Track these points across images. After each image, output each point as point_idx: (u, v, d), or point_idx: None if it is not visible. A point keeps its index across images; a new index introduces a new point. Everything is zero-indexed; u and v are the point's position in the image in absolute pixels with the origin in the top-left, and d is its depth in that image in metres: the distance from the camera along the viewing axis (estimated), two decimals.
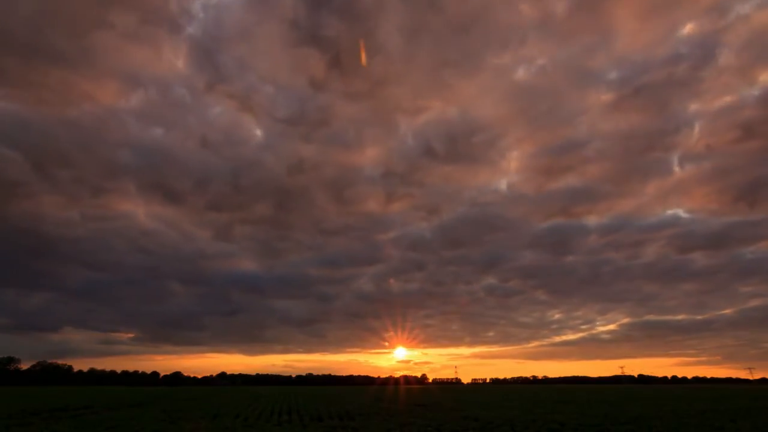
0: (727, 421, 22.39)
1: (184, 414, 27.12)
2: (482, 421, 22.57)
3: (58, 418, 24.20)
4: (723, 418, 23.91)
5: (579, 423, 21.68)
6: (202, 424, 21.59)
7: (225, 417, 25.11)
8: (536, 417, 24.60)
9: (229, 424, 21.60)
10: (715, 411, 28.47)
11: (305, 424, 21.71)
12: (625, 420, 22.83)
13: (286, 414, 27.29)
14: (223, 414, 27.08)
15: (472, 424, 21.37)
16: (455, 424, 21.44)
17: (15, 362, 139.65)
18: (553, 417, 24.62)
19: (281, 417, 25.28)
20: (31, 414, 26.27)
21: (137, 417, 24.92)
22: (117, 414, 27.03)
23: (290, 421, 23.21)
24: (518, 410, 29.71)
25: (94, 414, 26.94)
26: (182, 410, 30.20)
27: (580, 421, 22.62)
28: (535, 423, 21.60)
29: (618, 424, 21.26)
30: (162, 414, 27.03)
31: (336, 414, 26.84)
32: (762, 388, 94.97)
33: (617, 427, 20.14)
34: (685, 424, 21.18)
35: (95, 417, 24.95)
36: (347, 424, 21.22)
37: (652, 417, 24.44)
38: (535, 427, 20.18)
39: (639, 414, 26.37)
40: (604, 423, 21.60)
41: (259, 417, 25.33)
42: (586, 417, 24.59)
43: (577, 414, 26.61)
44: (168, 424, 21.60)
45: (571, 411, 28.95)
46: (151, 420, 23.28)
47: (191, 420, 23.33)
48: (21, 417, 24.39)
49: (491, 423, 21.56)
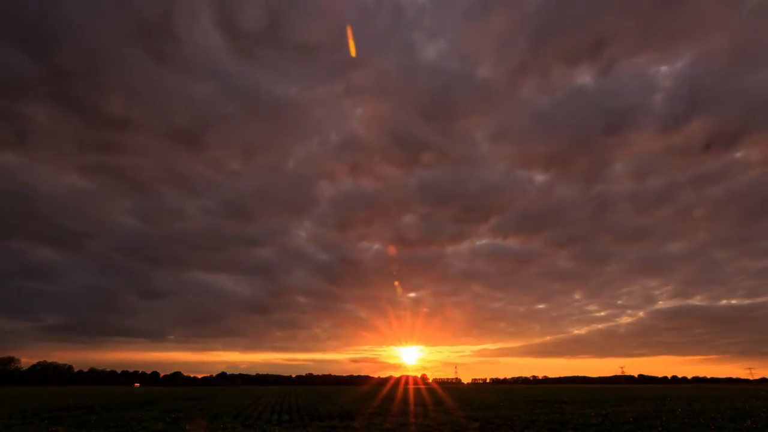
0: (727, 421, 22.39)
1: (184, 414, 27.12)
2: (482, 421, 22.57)
3: (58, 418, 24.19)
4: (723, 418, 23.92)
5: (579, 423, 21.68)
6: (202, 424, 21.59)
7: (225, 417, 25.10)
8: (536, 417, 24.60)
9: (229, 424, 21.60)
10: (715, 411, 28.46)
11: (305, 424, 21.71)
12: (625, 420, 22.83)
13: (286, 414, 27.30)
14: (223, 414, 27.08)
15: (472, 424, 21.37)
16: (455, 424, 21.44)
17: (15, 362, 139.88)
18: (552, 417, 24.62)
19: (281, 417, 25.28)
20: (31, 414, 26.27)
21: (137, 417, 24.91)
22: (117, 414, 27.03)
23: (290, 420, 23.21)
24: (518, 410, 29.71)
25: (94, 414, 26.94)
26: (182, 410, 30.20)
27: (580, 421, 22.62)
28: (535, 423, 21.59)
29: (618, 424, 21.26)
30: (162, 414, 27.03)
31: (336, 414, 26.85)
32: (762, 388, 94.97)
33: (617, 427, 20.14)
34: (685, 424, 21.17)
35: (95, 417, 24.95)
36: (347, 424, 21.22)
37: (652, 417, 24.44)
38: (535, 427, 20.18)
39: (639, 414, 26.37)
40: (604, 423, 21.60)
41: (259, 417, 25.33)
42: (586, 417, 24.59)
43: (577, 414, 26.61)
44: (168, 424, 21.59)
45: (571, 411, 28.95)
46: (151, 420, 23.28)
47: (191, 420, 23.32)
48: (21, 417, 24.39)
49: (491, 423, 21.56)
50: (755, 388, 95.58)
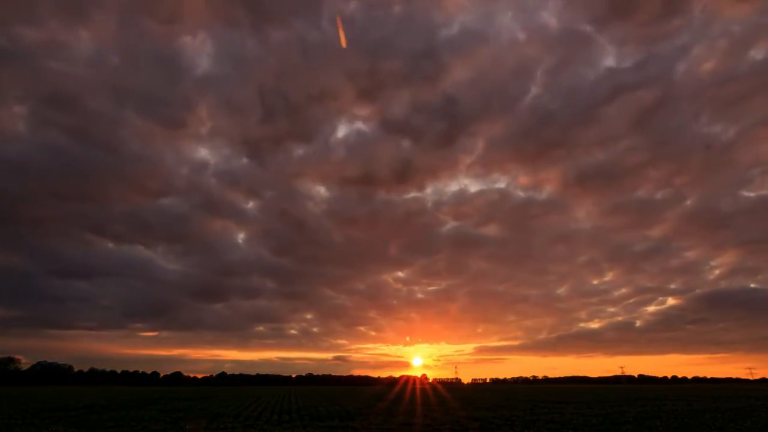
0: (727, 421, 22.38)
1: (184, 414, 27.11)
2: (482, 421, 22.56)
3: (58, 418, 24.18)
4: (723, 418, 23.91)
5: (579, 423, 21.67)
6: (202, 424, 21.58)
7: (225, 417, 25.09)
8: (536, 417, 24.59)
9: (229, 424, 21.59)
10: (715, 411, 28.46)
11: (305, 424, 21.70)
12: (625, 420, 22.82)
13: (286, 414, 27.29)
14: (223, 414, 27.07)
15: (472, 424, 21.36)
16: (455, 423, 21.43)
17: (15, 362, 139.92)
18: (552, 417, 24.61)
19: (281, 417, 25.27)
20: (31, 414, 26.26)
21: (137, 417, 24.91)
22: (117, 414, 27.02)
23: (290, 420, 23.20)
24: (518, 410, 29.71)
25: (94, 414, 26.93)
26: (182, 410, 30.20)
27: (581, 421, 22.61)
28: (535, 423, 21.58)
29: (618, 424, 21.25)
30: (162, 414, 27.03)
31: (336, 414, 26.84)
32: (762, 388, 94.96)
33: (617, 427, 20.13)
34: (685, 424, 21.17)
35: (95, 417, 24.94)
36: (347, 424, 21.21)
37: (652, 417, 24.43)
38: (536, 427, 20.16)
39: (639, 414, 26.37)
40: (604, 423, 21.59)
41: (259, 417, 25.32)
42: (586, 417, 24.58)
43: (578, 414, 26.60)
44: (168, 424, 21.58)
45: (571, 411, 28.94)
46: (151, 420, 23.27)
47: (191, 420, 23.31)
48: (21, 417, 24.37)
49: (491, 423, 21.55)
50: (755, 388, 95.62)
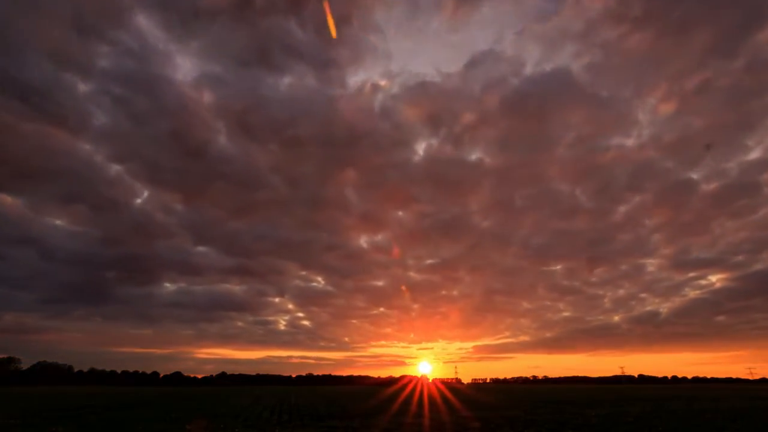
0: (727, 421, 22.38)
1: (184, 414, 27.11)
2: (482, 421, 22.56)
3: (58, 418, 24.18)
4: (723, 418, 23.91)
5: (580, 423, 21.66)
6: (202, 424, 21.58)
7: (225, 417, 25.09)
8: (537, 417, 24.59)
9: (229, 424, 21.59)
10: (715, 411, 28.46)
11: (305, 423, 21.69)
12: (625, 420, 22.82)
13: (287, 414, 27.28)
14: (223, 414, 27.07)
15: (473, 423, 21.36)
16: (455, 423, 21.43)
17: (15, 362, 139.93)
18: (552, 417, 24.61)
19: (281, 417, 25.27)
20: (31, 414, 26.26)
21: (137, 417, 24.91)
22: (117, 414, 27.03)
23: (290, 420, 23.19)
24: (518, 410, 29.70)
25: (94, 414, 26.93)
26: (182, 410, 30.20)
27: (581, 421, 22.61)
28: (535, 423, 21.58)
29: (618, 424, 21.25)
30: (162, 414, 27.03)
31: (336, 413, 26.84)
32: (762, 388, 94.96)
33: (617, 427, 20.13)
34: (685, 424, 21.17)
35: (95, 417, 24.94)
36: (347, 424, 21.21)
37: (652, 417, 24.43)
38: (535, 427, 20.17)
39: (639, 414, 26.36)
40: (605, 423, 21.59)
41: (259, 417, 25.31)
42: (587, 417, 24.58)
43: (578, 414, 26.59)
44: (168, 424, 21.59)
45: (571, 411, 28.94)
46: (151, 420, 23.27)
47: (191, 420, 23.31)
48: (21, 417, 24.38)
49: (491, 423, 21.55)
50: (755, 388, 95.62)
